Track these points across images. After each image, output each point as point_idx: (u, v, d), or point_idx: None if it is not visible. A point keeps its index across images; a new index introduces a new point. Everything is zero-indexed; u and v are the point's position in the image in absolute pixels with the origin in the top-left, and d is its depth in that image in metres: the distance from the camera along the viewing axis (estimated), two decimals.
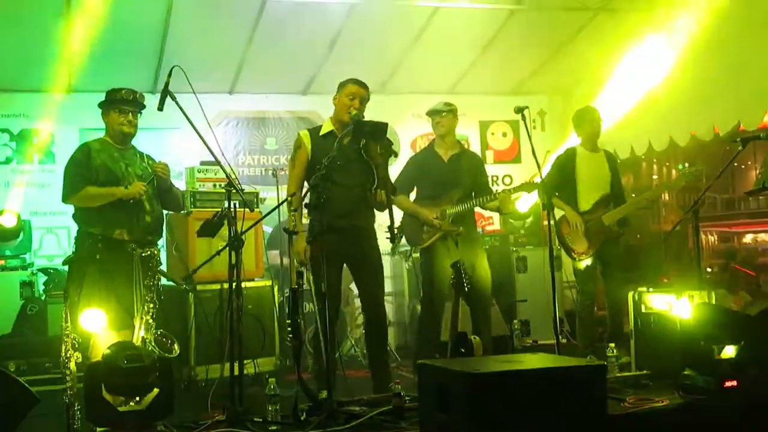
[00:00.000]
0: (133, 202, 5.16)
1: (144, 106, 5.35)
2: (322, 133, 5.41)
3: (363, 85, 5.38)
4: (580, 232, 6.58)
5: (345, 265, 5.54)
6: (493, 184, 9.81)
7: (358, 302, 8.10)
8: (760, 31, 7.11)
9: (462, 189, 6.23)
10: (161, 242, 5.79)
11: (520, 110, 5.50)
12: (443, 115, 6.32)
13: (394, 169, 6.54)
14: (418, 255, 6.63)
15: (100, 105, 5.38)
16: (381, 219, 5.62)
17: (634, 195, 8.27)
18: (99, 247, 5.08)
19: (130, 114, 5.29)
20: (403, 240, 6.29)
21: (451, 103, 6.40)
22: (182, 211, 6.41)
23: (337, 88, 5.45)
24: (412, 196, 6.45)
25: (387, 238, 4.85)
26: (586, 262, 6.64)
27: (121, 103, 5.28)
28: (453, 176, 6.24)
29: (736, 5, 7.40)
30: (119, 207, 5.13)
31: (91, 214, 5.16)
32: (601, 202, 6.70)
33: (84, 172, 5.18)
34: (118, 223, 5.09)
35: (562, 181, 6.74)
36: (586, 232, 6.59)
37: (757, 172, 6.79)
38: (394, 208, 6.02)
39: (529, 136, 5.48)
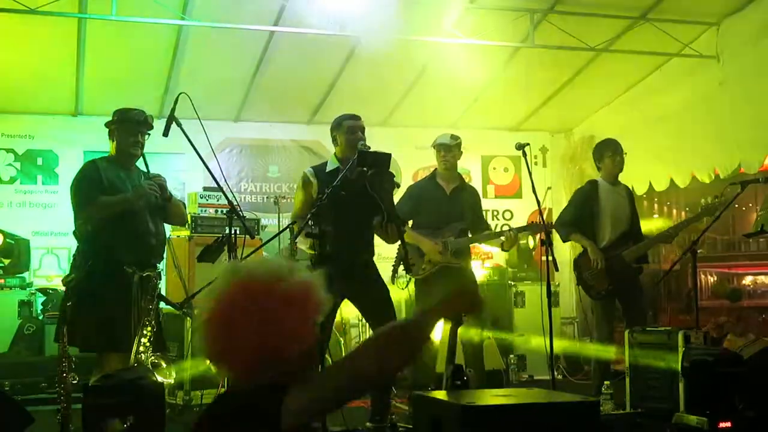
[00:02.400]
0: (139, 223, 5.12)
1: (152, 127, 5.28)
2: (328, 170, 5.42)
3: (358, 117, 5.43)
4: (601, 269, 6.39)
5: (347, 298, 5.54)
6: (493, 219, 9.88)
7: (354, 332, 8.12)
8: (761, 76, 7.20)
9: (463, 222, 6.23)
10: (161, 265, 5.76)
11: (521, 147, 5.52)
12: (451, 149, 6.29)
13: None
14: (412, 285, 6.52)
15: (108, 124, 5.31)
16: (379, 249, 5.65)
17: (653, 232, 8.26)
18: (100, 268, 5.05)
19: (139, 135, 5.23)
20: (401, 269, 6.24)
21: (458, 136, 6.38)
22: (186, 224, 6.32)
23: (333, 128, 5.46)
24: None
25: (391, 269, 4.85)
26: (605, 300, 6.46)
27: (131, 124, 5.21)
28: (454, 209, 6.24)
29: (737, 49, 7.51)
30: (124, 227, 5.10)
31: (97, 234, 5.11)
32: (621, 238, 6.47)
33: (95, 184, 5.13)
34: (122, 243, 5.05)
35: (583, 214, 6.54)
36: (607, 269, 6.35)
37: (757, 214, 6.77)
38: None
39: (530, 173, 5.51)
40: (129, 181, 5.27)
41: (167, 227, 5.79)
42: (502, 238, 6.24)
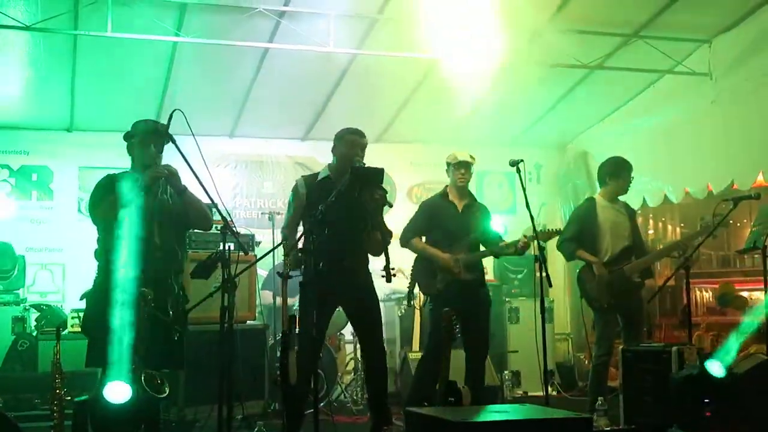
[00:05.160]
0: (143, 237, 5.01)
1: (163, 135, 4.91)
2: (319, 179, 5.46)
3: (361, 134, 5.45)
4: (603, 283, 6.39)
5: (340, 308, 5.55)
6: None
7: (349, 348, 8.11)
8: (753, 93, 7.24)
9: (474, 238, 6.23)
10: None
11: (514, 163, 5.52)
12: (470, 168, 6.28)
13: (401, 215, 6.60)
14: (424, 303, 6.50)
15: (125, 138, 5.16)
16: (376, 262, 5.65)
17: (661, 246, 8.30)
18: (101, 285, 5.01)
19: (152, 146, 5.01)
20: (414, 288, 6.26)
21: (473, 155, 6.41)
22: (211, 228, 5.75)
23: (335, 140, 5.50)
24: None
25: (382, 276, 4.83)
26: (607, 315, 6.45)
27: (142, 135, 5.05)
28: (466, 226, 6.23)
29: (729, 66, 7.57)
30: (128, 240, 5.01)
31: (104, 250, 5.02)
32: (623, 253, 6.49)
33: (105, 189, 4.98)
34: (124, 257, 4.98)
35: (582, 232, 6.58)
36: (609, 283, 6.38)
37: (750, 230, 6.79)
38: (408, 251, 6.08)
39: (524, 189, 5.51)
40: (149, 193, 5.02)
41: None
42: (514, 247, 6.22)
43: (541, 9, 7.30)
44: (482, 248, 6.28)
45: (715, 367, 5.02)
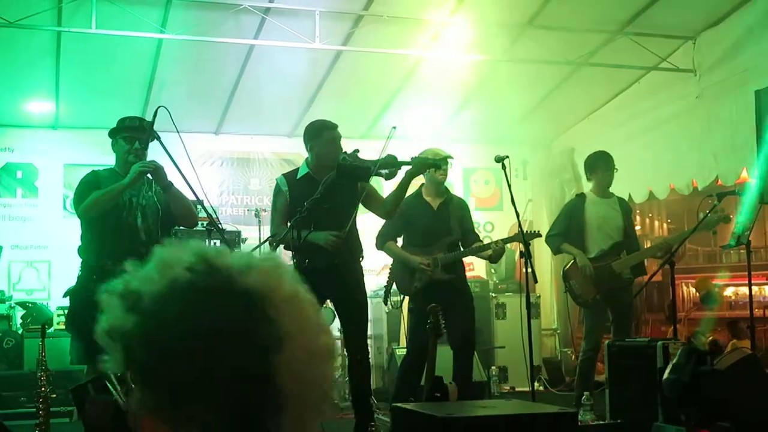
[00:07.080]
0: (128, 232, 4.98)
1: (153, 133, 4.91)
2: (298, 176, 5.43)
3: (335, 126, 5.43)
4: (588, 278, 6.42)
5: (329, 302, 5.55)
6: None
7: (337, 344, 8.11)
8: (737, 89, 7.29)
9: (452, 237, 6.19)
10: None
11: (500, 160, 5.52)
12: (449, 166, 6.20)
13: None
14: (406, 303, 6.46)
15: (109, 134, 5.14)
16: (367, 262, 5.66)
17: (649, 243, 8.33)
18: (91, 279, 4.99)
19: (137, 142, 4.99)
20: (394, 287, 6.24)
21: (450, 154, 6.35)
22: (196, 225, 5.69)
23: (310, 137, 5.42)
24: (399, 241, 6.36)
25: (383, 288, 4.84)
26: (594, 310, 6.49)
27: (125, 131, 5.04)
28: (443, 224, 6.16)
29: (713, 63, 7.61)
30: (114, 235, 4.99)
31: (90, 244, 5.02)
32: (611, 249, 6.51)
33: (91, 186, 4.97)
34: (109, 252, 4.95)
35: (570, 227, 6.61)
36: (595, 279, 6.39)
37: (733, 227, 6.83)
38: (383, 254, 6.08)
39: (509, 185, 5.51)
40: (130, 190, 5.03)
41: None
42: (490, 251, 6.22)
43: (527, 5, 7.32)
44: (461, 247, 6.25)
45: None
